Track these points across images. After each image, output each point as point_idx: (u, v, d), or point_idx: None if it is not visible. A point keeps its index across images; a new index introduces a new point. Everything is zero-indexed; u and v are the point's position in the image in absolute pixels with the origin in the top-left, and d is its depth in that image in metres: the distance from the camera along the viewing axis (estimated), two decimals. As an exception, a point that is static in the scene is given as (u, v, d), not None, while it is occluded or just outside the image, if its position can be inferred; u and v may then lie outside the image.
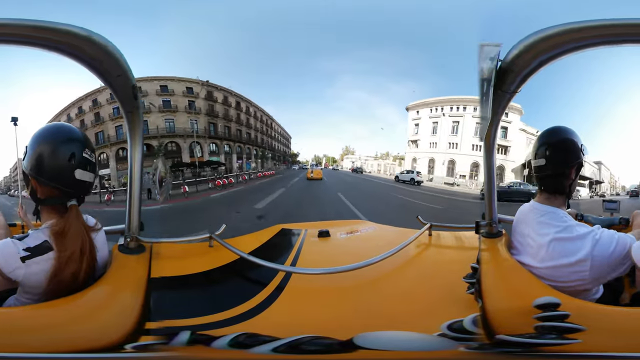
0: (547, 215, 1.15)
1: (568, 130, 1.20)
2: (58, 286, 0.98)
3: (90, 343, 0.91)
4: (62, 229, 1.02)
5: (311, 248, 1.81)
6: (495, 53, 1.03)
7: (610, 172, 17.62)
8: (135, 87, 1.13)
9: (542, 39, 0.94)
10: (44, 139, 1.05)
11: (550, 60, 0.98)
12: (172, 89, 14.11)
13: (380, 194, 12.13)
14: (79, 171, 1.06)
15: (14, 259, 0.95)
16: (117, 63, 1.03)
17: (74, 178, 1.06)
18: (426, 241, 1.73)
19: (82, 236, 1.05)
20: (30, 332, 0.89)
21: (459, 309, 1.06)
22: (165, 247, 1.46)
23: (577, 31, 0.90)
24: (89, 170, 1.10)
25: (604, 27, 0.89)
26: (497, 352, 0.94)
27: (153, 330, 1.00)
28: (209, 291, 1.36)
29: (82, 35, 0.95)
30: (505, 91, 1.08)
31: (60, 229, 1.02)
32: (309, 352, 0.94)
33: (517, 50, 0.99)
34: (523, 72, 1.02)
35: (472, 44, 1.21)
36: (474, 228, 1.34)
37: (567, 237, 1.07)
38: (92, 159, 1.10)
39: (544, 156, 1.19)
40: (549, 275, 1.06)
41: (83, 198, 1.14)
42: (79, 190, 1.10)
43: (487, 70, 1.05)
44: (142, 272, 1.17)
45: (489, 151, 1.29)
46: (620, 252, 1.01)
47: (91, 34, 0.95)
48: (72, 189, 1.08)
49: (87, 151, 1.09)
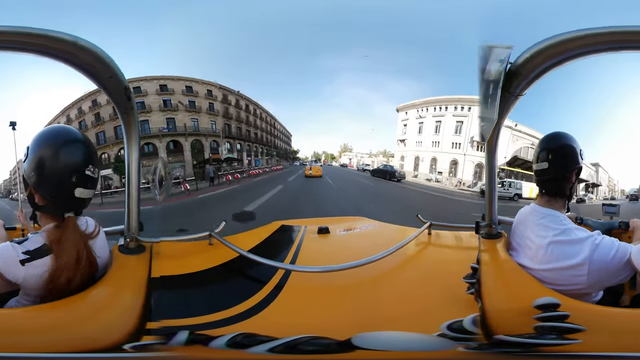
0: (546, 218, 1.15)
1: (568, 136, 1.22)
2: (54, 291, 0.98)
3: (92, 343, 0.91)
4: (58, 239, 1.01)
5: (311, 245, 1.81)
6: (506, 55, 1.02)
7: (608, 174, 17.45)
8: (128, 88, 1.12)
9: (554, 45, 0.95)
10: (46, 145, 1.01)
11: (558, 65, 0.99)
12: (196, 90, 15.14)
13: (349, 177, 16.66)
14: (79, 190, 1.03)
15: (14, 262, 0.96)
16: (107, 66, 1.03)
17: (74, 196, 1.03)
18: (425, 240, 1.72)
19: (78, 247, 1.03)
20: (32, 333, 0.90)
21: (459, 309, 1.05)
22: (165, 246, 1.46)
23: (588, 37, 0.91)
24: (90, 187, 1.06)
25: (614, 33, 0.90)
26: (497, 352, 0.94)
27: (153, 330, 1.01)
28: (209, 290, 1.36)
29: (68, 41, 0.95)
30: (511, 93, 1.07)
31: (56, 239, 1.01)
32: (307, 352, 0.94)
33: (528, 54, 1.00)
34: (531, 75, 1.03)
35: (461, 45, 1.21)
36: (474, 228, 1.34)
37: (566, 240, 1.07)
38: (94, 175, 1.06)
39: (546, 160, 1.21)
40: (546, 277, 1.06)
41: (81, 211, 1.12)
42: (77, 207, 1.08)
43: (495, 72, 1.04)
44: (143, 272, 1.17)
45: (491, 152, 1.30)
46: (620, 260, 1.00)
47: (77, 39, 0.96)
48: (69, 205, 1.05)
49: (91, 168, 1.04)
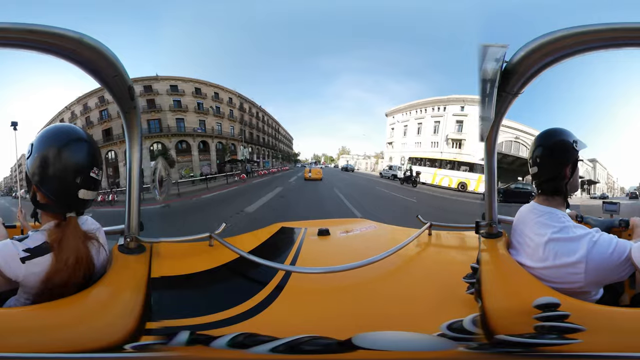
0: (545, 216, 1.15)
1: (557, 131, 1.20)
2: (53, 289, 0.98)
3: (92, 343, 0.91)
4: (59, 239, 1.01)
5: (311, 247, 1.81)
6: (501, 54, 1.02)
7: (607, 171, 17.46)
8: (132, 87, 1.12)
9: (550, 42, 0.95)
10: (51, 144, 1.01)
11: (555, 62, 0.98)
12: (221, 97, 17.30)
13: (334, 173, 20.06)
14: (83, 191, 1.04)
15: (14, 260, 0.95)
16: (111, 64, 1.03)
17: (77, 197, 1.04)
18: (426, 241, 1.72)
19: (78, 247, 1.04)
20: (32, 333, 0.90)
21: (459, 309, 1.05)
22: (165, 246, 1.46)
23: (584, 34, 0.91)
24: (93, 189, 1.07)
25: (610, 30, 0.89)
26: (497, 352, 0.94)
27: (154, 330, 1.01)
28: (210, 290, 1.36)
29: (74, 38, 0.95)
30: (508, 92, 1.07)
31: (57, 238, 1.02)
32: (308, 352, 0.94)
33: (523, 52, 0.99)
34: (527, 73, 1.03)
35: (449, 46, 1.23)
36: (474, 228, 1.34)
37: (564, 238, 1.07)
38: (98, 177, 1.07)
39: (535, 164, 1.21)
40: (545, 275, 1.06)
41: (82, 211, 1.12)
42: (79, 207, 1.09)
43: (492, 71, 1.04)
44: (143, 272, 1.17)
45: (489, 152, 1.29)
46: (618, 257, 1.00)
47: (82, 37, 0.95)
48: (72, 206, 1.06)
49: (95, 170, 1.05)
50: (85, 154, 1.04)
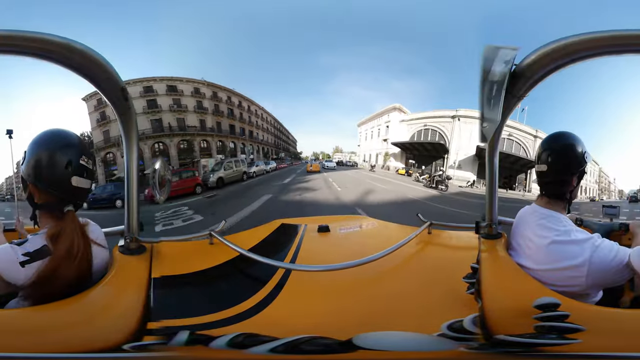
0: (547, 219, 1.15)
1: (571, 136, 1.20)
2: (52, 289, 0.99)
3: (93, 344, 0.92)
4: (57, 232, 1.04)
5: (311, 244, 1.80)
6: (512, 57, 1.01)
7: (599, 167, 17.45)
8: (125, 89, 1.13)
9: (561, 47, 0.95)
10: (41, 145, 1.07)
11: (562, 67, 0.98)
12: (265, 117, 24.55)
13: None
14: (76, 178, 1.08)
15: (13, 263, 0.96)
16: (101, 67, 1.04)
17: (71, 185, 1.07)
18: (426, 239, 1.71)
19: (74, 238, 1.06)
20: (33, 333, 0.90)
21: (459, 309, 1.05)
22: (165, 246, 1.46)
23: (593, 40, 0.91)
24: (86, 177, 1.11)
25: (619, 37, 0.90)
26: (497, 352, 0.94)
27: (154, 330, 1.01)
28: (210, 290, 1.36)
29: (61, 43, 0.96)
30: (514, 95, 1.07)
31: (55, 232, 1.04)
32: (308, 352, 0.95)
33: (534, 56, 0.99)
34: (535, 77, 1.02)
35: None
36: (474, 228, 1.34)
37: (566, 241, 1.07)
38: (89, 165, 1.12)
39: (545, 162, 1.19)
40: (546, 277, 1.06)
41: (80, 204, 1.14)
42: (76, 197, 1.12)
43: (500, 74, 1.03)
44: (143, 273, 1.18)
45: (491, 154, 1.29)
46: (619, 263, 1.00)
47: (69, 42, 0.96)
48: (68, 196, 1.09)
49: (84, 158, 1.10)
50: (72, 145, 1.10)
